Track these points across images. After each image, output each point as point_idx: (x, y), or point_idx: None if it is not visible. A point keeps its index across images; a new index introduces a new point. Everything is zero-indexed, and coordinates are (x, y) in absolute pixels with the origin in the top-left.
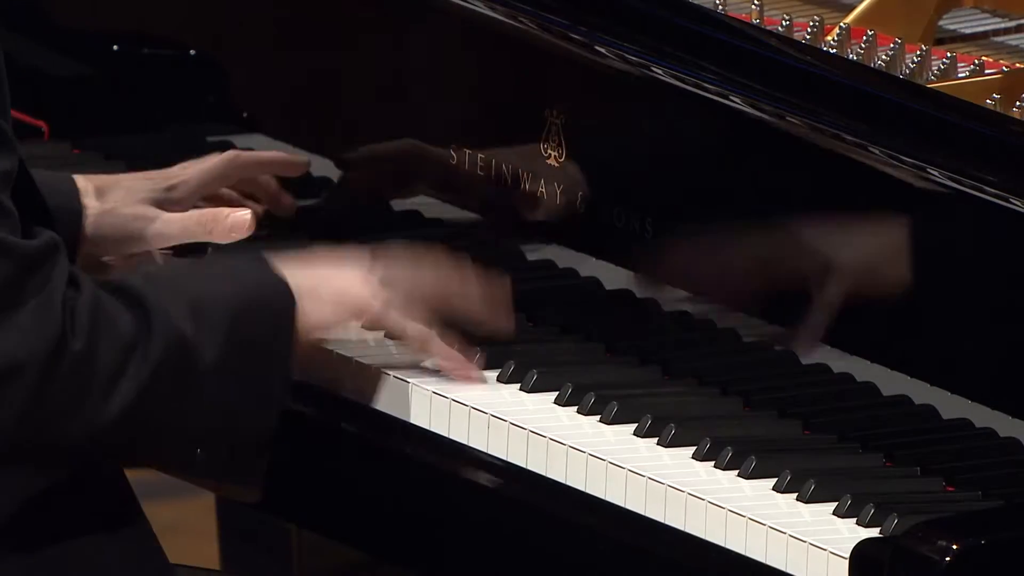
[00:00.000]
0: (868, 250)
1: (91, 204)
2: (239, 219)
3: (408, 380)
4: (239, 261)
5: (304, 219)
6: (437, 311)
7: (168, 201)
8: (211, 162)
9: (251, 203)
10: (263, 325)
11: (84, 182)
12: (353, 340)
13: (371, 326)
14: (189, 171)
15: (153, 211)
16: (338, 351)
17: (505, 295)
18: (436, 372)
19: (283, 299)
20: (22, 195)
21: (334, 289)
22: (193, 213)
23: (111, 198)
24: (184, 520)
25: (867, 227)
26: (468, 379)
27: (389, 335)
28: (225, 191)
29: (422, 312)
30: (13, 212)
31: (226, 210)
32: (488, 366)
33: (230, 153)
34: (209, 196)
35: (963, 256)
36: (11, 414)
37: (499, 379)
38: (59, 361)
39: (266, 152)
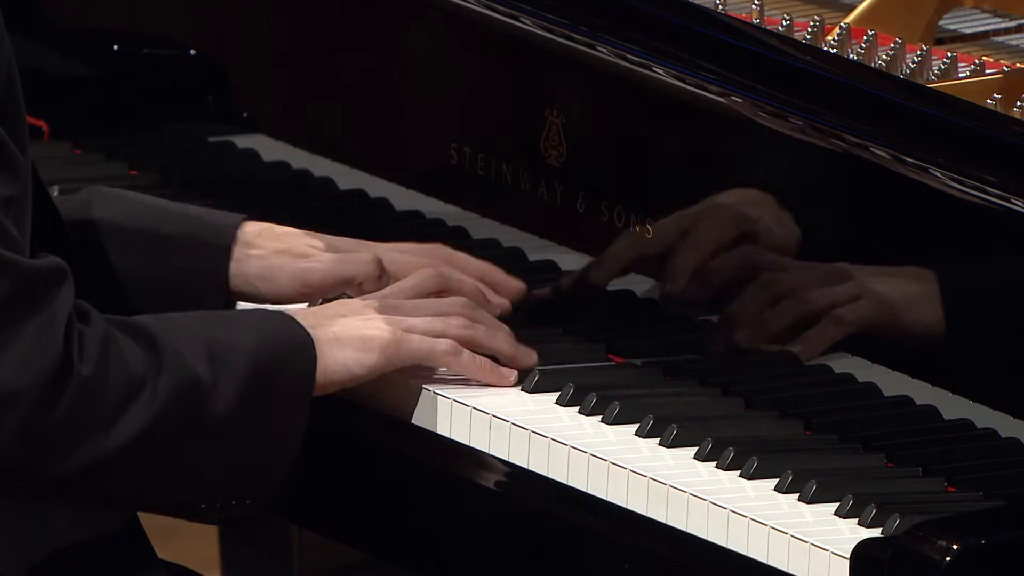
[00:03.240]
0: (867, 250)
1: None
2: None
3: (409, 380)
4: (263, 313)
5: (308, 220)
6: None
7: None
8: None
9: None
10: (282, 379)
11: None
12: None
13: (396, 363)
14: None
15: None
16: None
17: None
18: (432, 373)
19: (304, 354)
20: (35, 208)
21: (354, 334)
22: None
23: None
24: (184, 520)
25: (867, 227)
26: (504, 384)
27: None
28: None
29: (445, 333)
30: (15, 236)
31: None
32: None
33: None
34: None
35: (964, 256)
36: (9, 438)
37: None
38: (63, 387)
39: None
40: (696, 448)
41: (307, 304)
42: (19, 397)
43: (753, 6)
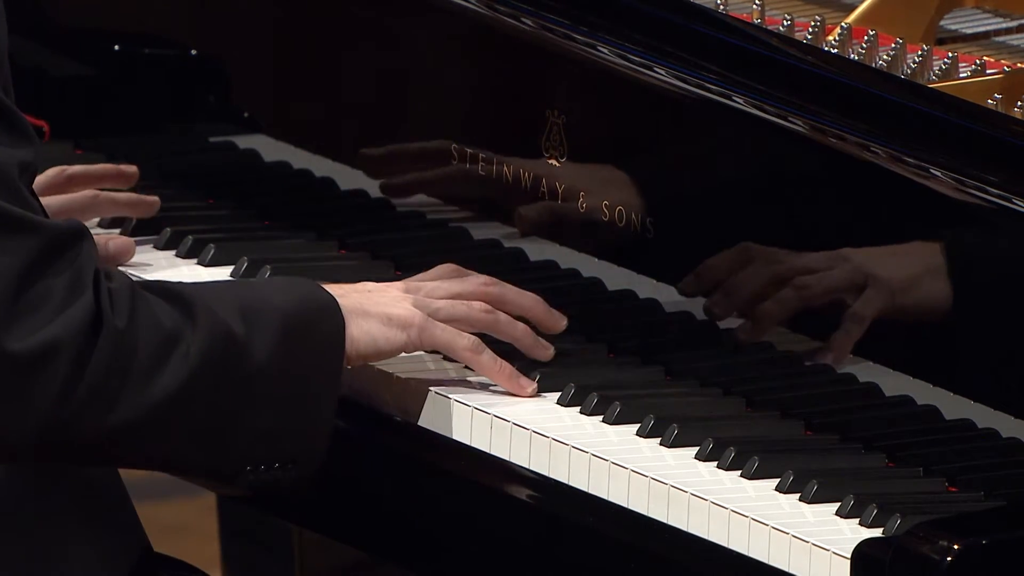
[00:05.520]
0: (867, 250)
1: None
2: (124, 243)
3: (409, 381)
4: (289, 280)
5: (309, 220)
6: (481, 331)
7: None
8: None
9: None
10: (314, 338)
11: None
12: None
13: (418, 346)
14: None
15: None
16: None
17: (546, 311)
18: (433, 372)
19: (334, 317)
20: None
21: (380, 310)
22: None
23: None
24: (184, 520)
25: (867, 227)
26: (521, 394)
27: (437, 350)
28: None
29: (467, 329)
30: (32, 200)
31: (102, 237)
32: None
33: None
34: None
35: (964, 256)
36: (53, 392)
37: None
38: (98, 338)
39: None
40: (697, 448)
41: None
42: (58, 349)
43: (754, 6)
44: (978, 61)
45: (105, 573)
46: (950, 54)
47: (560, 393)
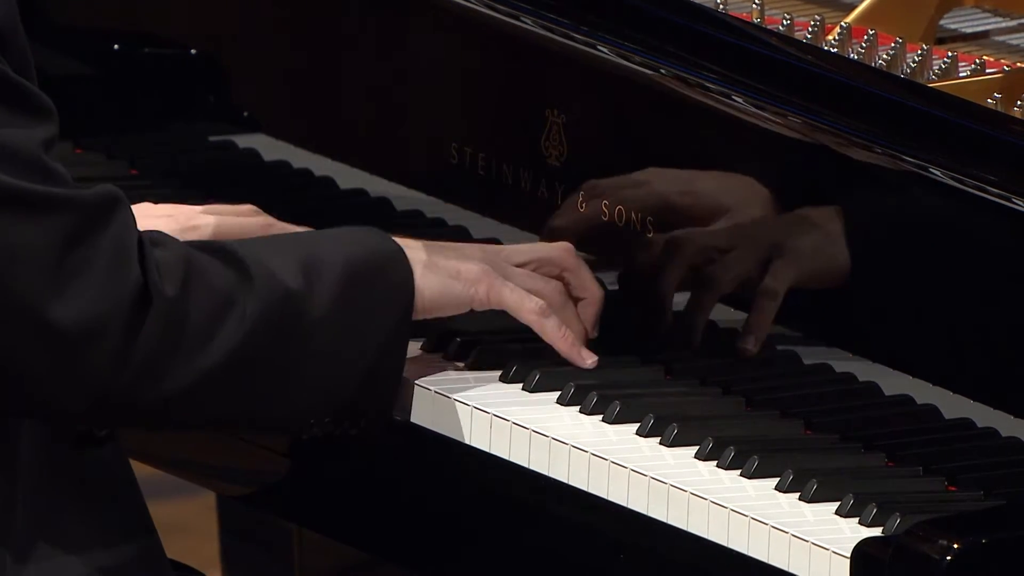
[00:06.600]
0: (868, 250)
1: None
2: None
3: (410, 379)
4: (356, 230)
5: (309, 219)
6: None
7: None
8: (235, 220)
9: None
10: (380, 287)
11: None
12: None
13: (485, 303)
14: (211, 219)
15: None
16: None
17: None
18: (433, 371)
19: (401, 265)
20: None
21: (449, 264)
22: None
23: None
24: (184, 520)
25: (867, 227)
26: (581, 364)
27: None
28: None
29: (541, 292)
30: (62, 173)
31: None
32: (491, 367)
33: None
34: None
35: (964, 256)
36: (104, 364)
37: (502, 379)
38: (148, 309)
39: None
40: (697, 447)
41: None
42: (104, 325)
43: (754, 5)
44: (978, 60)
45: (103, 552)
46: (950, 53)
47: (560, 392)
